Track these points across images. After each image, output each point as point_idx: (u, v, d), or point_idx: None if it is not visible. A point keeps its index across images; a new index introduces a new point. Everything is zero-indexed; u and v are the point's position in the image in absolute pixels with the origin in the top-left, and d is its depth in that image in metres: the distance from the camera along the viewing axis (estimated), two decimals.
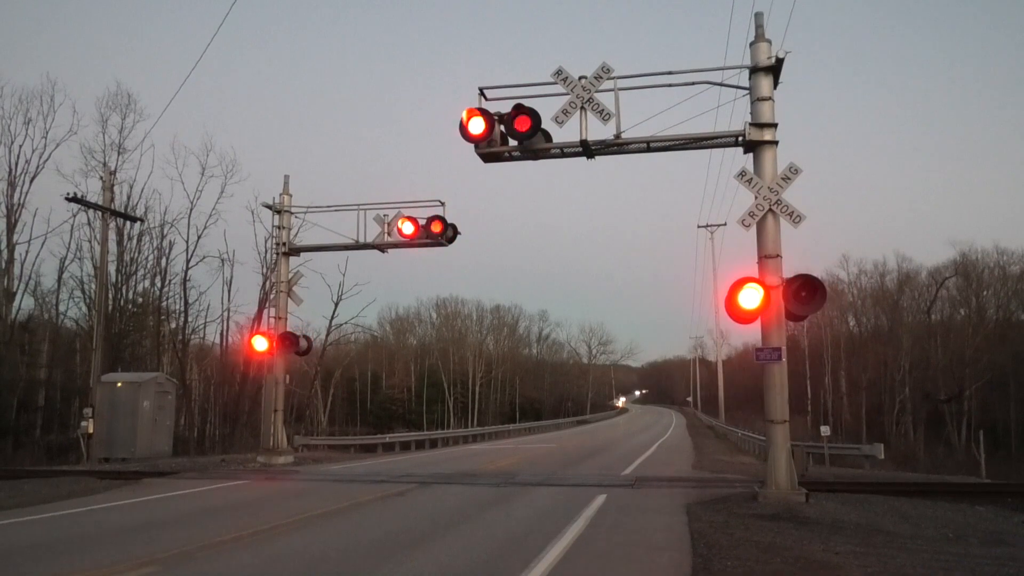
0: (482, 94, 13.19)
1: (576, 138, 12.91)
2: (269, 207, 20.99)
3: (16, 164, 32.86)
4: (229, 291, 38.73)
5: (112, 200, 25.72)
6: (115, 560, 7.54)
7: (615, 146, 13.03)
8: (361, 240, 19.55)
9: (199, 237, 36.44)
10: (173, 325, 39.53)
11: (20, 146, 32.99)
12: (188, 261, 36.44)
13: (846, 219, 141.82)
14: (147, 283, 37.77)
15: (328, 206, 20.23)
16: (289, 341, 19.94)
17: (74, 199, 24.27)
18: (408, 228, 18.90)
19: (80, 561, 7.61)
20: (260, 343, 19.96)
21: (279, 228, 20.80)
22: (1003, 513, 11.11)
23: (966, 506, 11.53)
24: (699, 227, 58.08)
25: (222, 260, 37.81)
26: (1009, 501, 12.28)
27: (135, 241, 36.06)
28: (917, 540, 8.67)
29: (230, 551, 8.06)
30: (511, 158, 13.87)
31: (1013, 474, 30.14)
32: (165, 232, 36.66)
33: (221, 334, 41.04)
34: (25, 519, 10.81)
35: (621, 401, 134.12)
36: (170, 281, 37.54)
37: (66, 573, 7.07)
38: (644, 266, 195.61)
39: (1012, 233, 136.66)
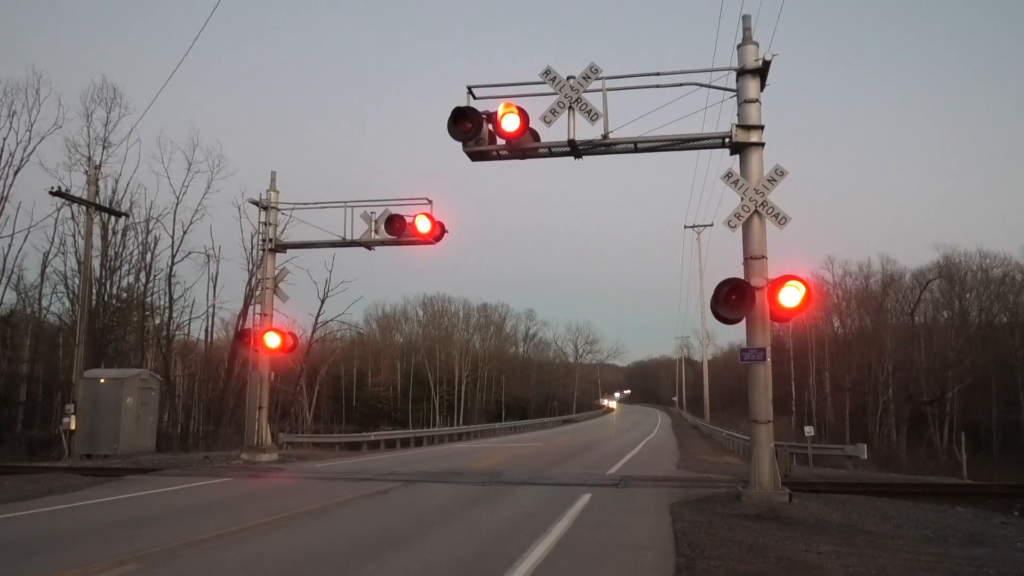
0: (470, 93, 13.18)
1: (564, 138, 12.94)
2: (256, 203, 20.89)
3: None
4: (214, 287, 38.57)
5: (97, 194, 25.49)
6: (96, 558, 7.47)
7: (603, 146, 13.05)
8: (348, 237, 19.50)
9: (184, 232, 36.24)
10: (157, 321, 39.28)
11: (4, 139, 32.50)
12: (173, 257, 36.25)
13: (832, 221, 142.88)
14: (131, 278, 37.51)
15: (315, 203, 20.27)
16: (274, 338, 19.86)
17: (58, 193, 24.08)
18: (395, 225, 18.86)
19: (61, 559, 7.54)
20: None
21: (266, 224, 20.70)
22: (983, 514, 11.23)
23: (947, 507, 11.64)
24: (686, 227, 58.51)
25: (208, 256, 37.62)
26: (989, 502, 12.42)
27: (120, 236, 35.83)
28: (898, 540, 8.76)
29: (213, 549, 8.01)
30: (499, 157, 13.89)
31: (994, 475, 30.46)
32: (150, 227, 36.46)
33: (206, 330, 40.98)
34: (5, 516, 10.68)
35: (611, 403, 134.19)
36: (155, 276, 37.33)
37: (46, 571, 7.00)
38: (631, 266, 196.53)
39: (995, 237, 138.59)
